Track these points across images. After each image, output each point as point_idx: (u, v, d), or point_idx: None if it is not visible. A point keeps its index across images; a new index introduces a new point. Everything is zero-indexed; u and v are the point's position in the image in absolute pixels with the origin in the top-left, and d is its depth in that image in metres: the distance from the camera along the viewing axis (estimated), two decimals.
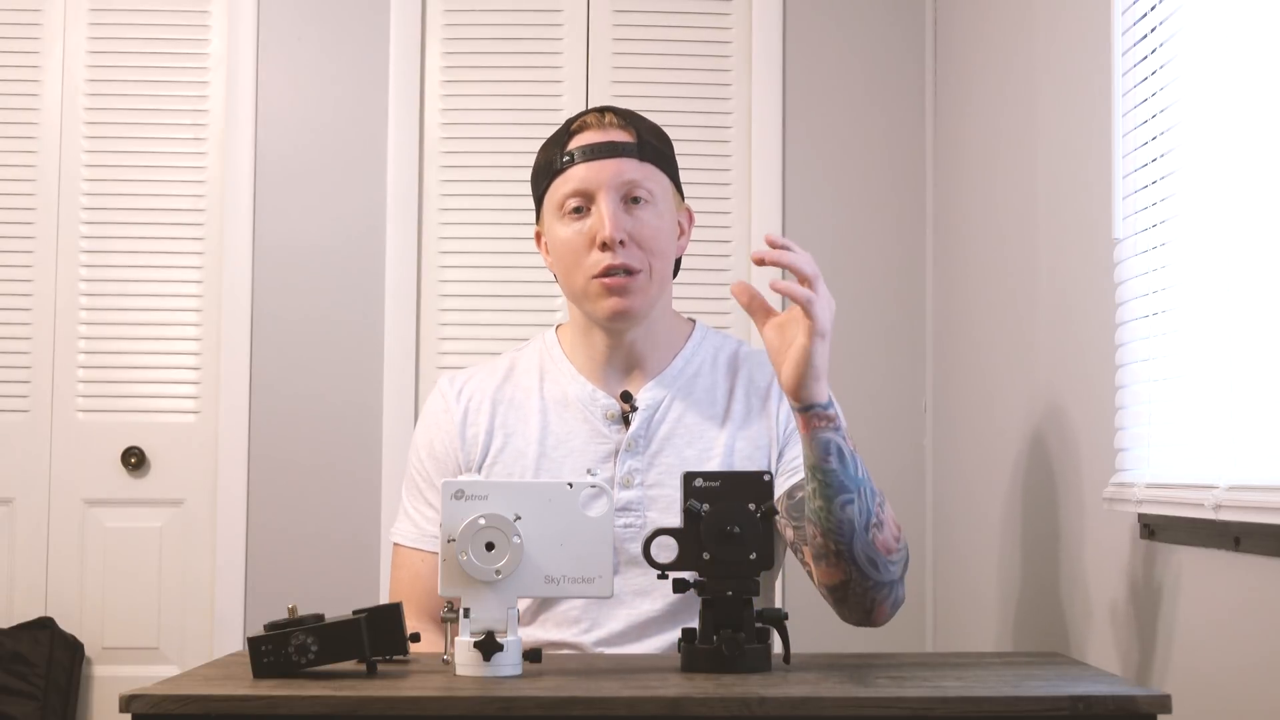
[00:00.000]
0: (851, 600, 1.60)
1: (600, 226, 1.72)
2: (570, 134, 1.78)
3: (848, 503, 1.54)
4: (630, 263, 1.72)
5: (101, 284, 3.19)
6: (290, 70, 3.23)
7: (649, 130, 1.80)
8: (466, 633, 1.39)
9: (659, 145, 1.80)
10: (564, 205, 1.76)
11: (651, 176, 1.76)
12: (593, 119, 1.78)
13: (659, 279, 1.77)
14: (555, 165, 1.78)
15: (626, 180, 1.74)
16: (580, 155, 1.75)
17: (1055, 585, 2.14)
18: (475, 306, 3.18)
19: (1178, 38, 1.70)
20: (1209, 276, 1.60)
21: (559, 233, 1.77)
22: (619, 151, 1.75)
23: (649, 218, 1.75)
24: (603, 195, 1.73)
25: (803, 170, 3.21)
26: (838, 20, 3.23)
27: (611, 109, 1.81)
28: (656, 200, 1.76)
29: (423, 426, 1.86)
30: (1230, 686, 1.52)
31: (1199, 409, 1.63)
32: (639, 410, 1.77)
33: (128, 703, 1.29)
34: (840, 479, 1.53)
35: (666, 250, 1.77)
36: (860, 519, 1.54)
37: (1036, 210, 2.31)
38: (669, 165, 1.81)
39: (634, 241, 1.73)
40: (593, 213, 1.74)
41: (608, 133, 1.77)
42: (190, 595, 3.16)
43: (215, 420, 3.17)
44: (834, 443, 1.53)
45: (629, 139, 1.77)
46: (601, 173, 1.74)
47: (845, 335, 3.19)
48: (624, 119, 1.79)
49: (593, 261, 1.73)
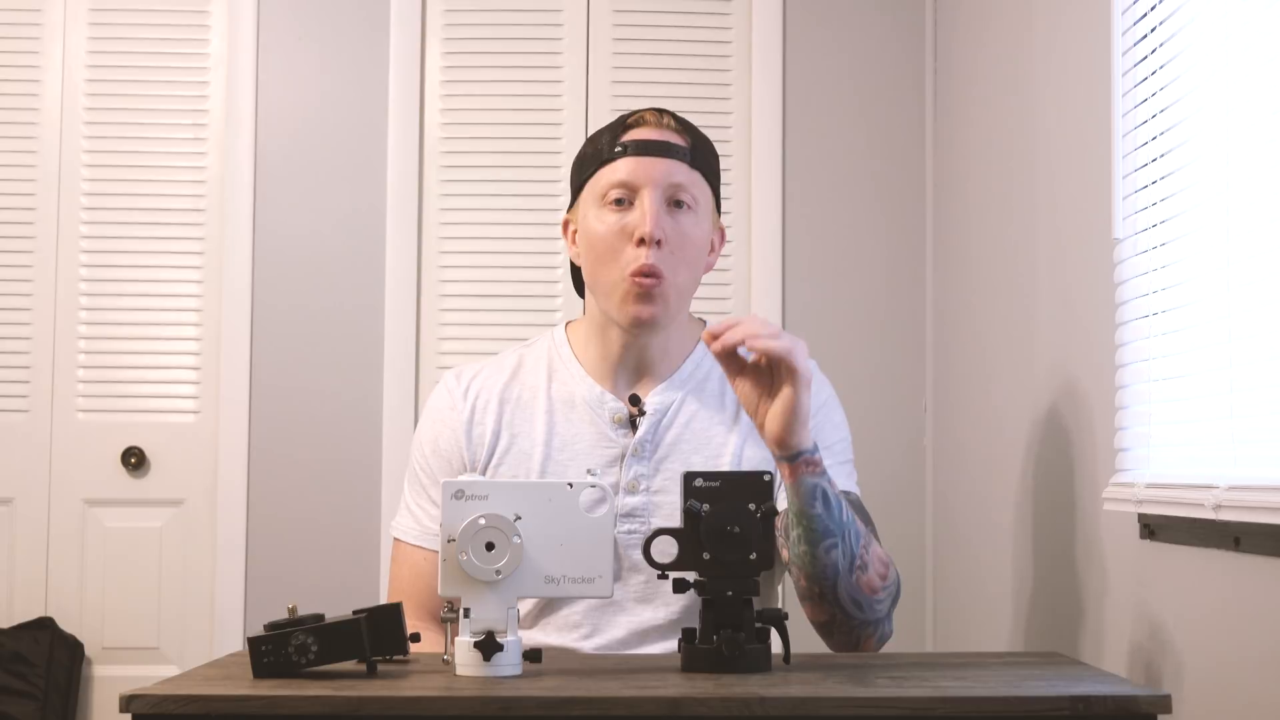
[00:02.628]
0: (838, 636, 1.63)
1: (641, 222, 1.70)
2: (625, 127, 1.76)
3: (831, 547, 1.55)
4: (662, 266, 1.70)
5: (101, 284, 3.19)
6: (290, 70, 3.23)
7: (702, 141, 1.79)
8: (466, 633, 1.39)
9: (709, 157, 1.79)
10: (606, 195, 1.74)
11: (698, 184, 1.75)
12: (650, 116, 1.77)
13: (685, 291, 1.75)
14: (604, 155, 1.75)
15: (675, 183, 1.73)
16: (633, 149, 1.73)
17: (1055, 585, 2.14)
18: (475, 306, 3.18)
19: (1178, 38, 1.70)
20: (1209, 276, 1.60)
21: (594, 222, 1.74)
22: (672, 153, 1.74)
23: (689, 225, 1.73)
24: (648, 192, 1.71)
25: (803, 170, 3.21)
26: (838, 20, 3.23)
27: (671, 112, 1.79)
28: (699, 209, 1.75)
29: (427, 421, 1.84)
30: (1230, 686, 1.52)
31: (1199, 409, 1.63)
32: (647, 414, 1.76)
33: (128, 703, 1.29)
34: (825, 524, 1.55)
35: (697, 263, 1.76)
36: (844, 562, 1.56)
37: (1036, 210, 2.31)
38: (715, 179, 1.80)
39: (671, 245, 1.71)
40: (635, 208, 1.72)
41: (664, 133, 1.75)
42: (190, 595, 3.16)
43: (215, 420, 3.17)
44: (820, 487, 1.55)
45: (683, 143, 1.75)
46: (652, 169, 1.72)
47: (845, 335, 3.20)
48: (681, 124, 1.78)
49: (629, 258, 1.71)
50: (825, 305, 3.19)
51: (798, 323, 3.17)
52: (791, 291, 3.18)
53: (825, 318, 3.19)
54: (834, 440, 1.79)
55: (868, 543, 1.60)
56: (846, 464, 1.81)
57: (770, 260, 3.17)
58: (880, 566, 1.61)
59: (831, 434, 1.79)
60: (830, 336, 3.16)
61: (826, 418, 1.80)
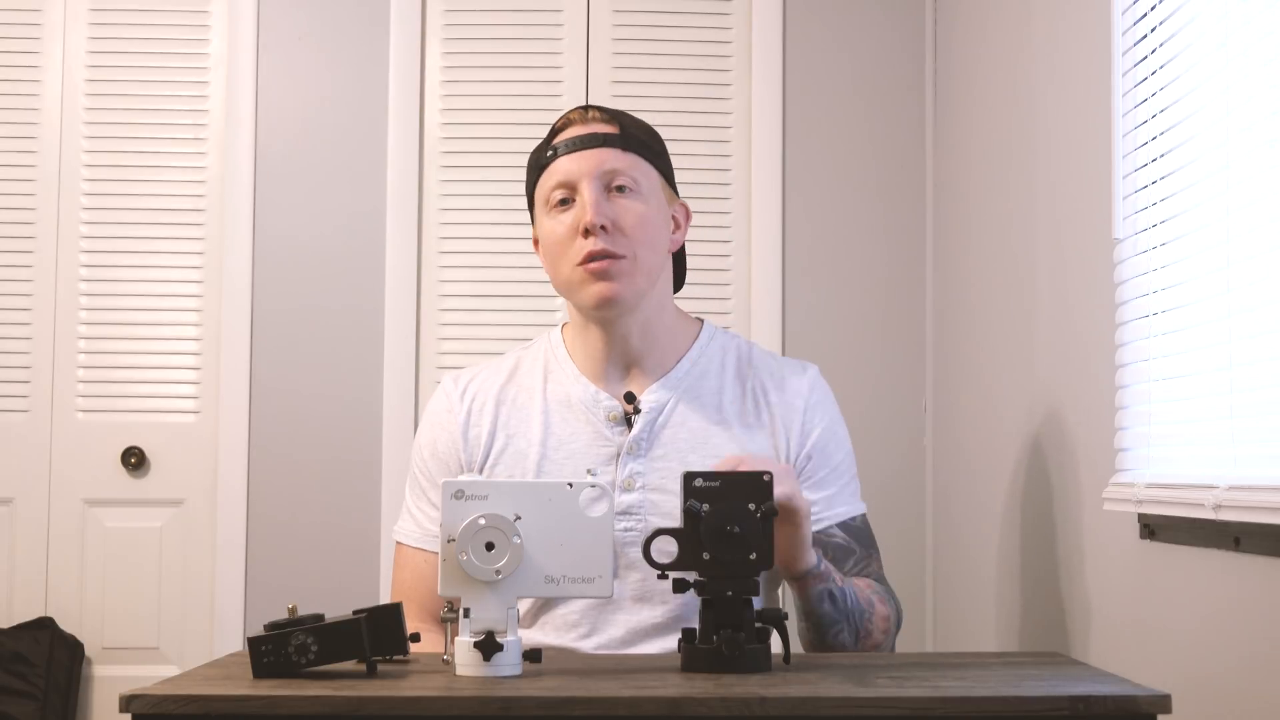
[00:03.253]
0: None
1: (582, 213, 1.72)
2: (555, 131, 1.80)
3: (839, 633, 1.65)
4: (613, 248, 1.72)
5: (101, 284, 3.19)
6: (290, 70, 3.23)
7: (633, 124, 1.80)
8: (466, 633, 1.39)
9: (644, 138, 1.80)
10: (550, 199, 1.76)
11: (636, 166, 1.76)
12: (576, 115, 1.79)
13: (646, 268, 1.75)
14: (542, 161, 1.79)
15: (609, 169, 1.74)
16: (564, 147, 1.76)
17: (1055, 585, 2.14)
18: (475, 306, 3.18)
19: (1178, 38, 1.70)
20: (1209, 277, 1.60)
21: (546, 226, 1.77)
22: (601, 142, 1.76)
23: (632, 205, 1.75)
24: (585, 184, 1.73)
25: (803, 170, 3.21)
26: (837, 20, 3.23)
27: (596, 106, 1.82)
28: (641, 190, 1.76)
29: (426, 425, 1.85)
30: (1230, 686, 1.52)
31: (1199, 409, 1.63)
32: (642, 412, 1.76)
33: (128, 703, 1.29)
34: (833, 617, 1.63)
35: (654, 240, 1.76)
36: (850, 639, 1.66)
37: (1036, 210, 2.31)
38: (656, 158, 1.81)
39: (617, 228, 1.72)
40: (576, 203, 1.74)
41: (590, 126, 1.78)
42: (190, 595, 3.16)
43: (215, 420, 3.17)
44: (826, 591, 1.62)
45: (611, 130, 1.77)
46: (584, 163, 1.74)
47: (845, 335, 3.20)
48: (608, 114, 1.80)
49: (576, 249, 1.73)
50: (825, 305, 3.19)
51: (798, 322, 3.17)
52: (791, 291, 3.18)
53: (825, 318, 3.19)
54: (839, 460, 1.81)
55: (871, 612, 1.67)
56: (851, 482, 1.82)
57: (770, 260, 3.17)
58: (882, 624, 1.69)
59: (836, 452, 1.81)
60: (830, 336, 3.17)
61: (831, 435, 1.81)
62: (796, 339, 3.16)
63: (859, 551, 1.78)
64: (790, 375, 1.82)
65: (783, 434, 1.78)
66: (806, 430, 1.78)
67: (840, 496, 1.79)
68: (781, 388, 1.80)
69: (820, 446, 1.78)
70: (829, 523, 1.76)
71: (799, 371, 1.83)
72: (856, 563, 1.77)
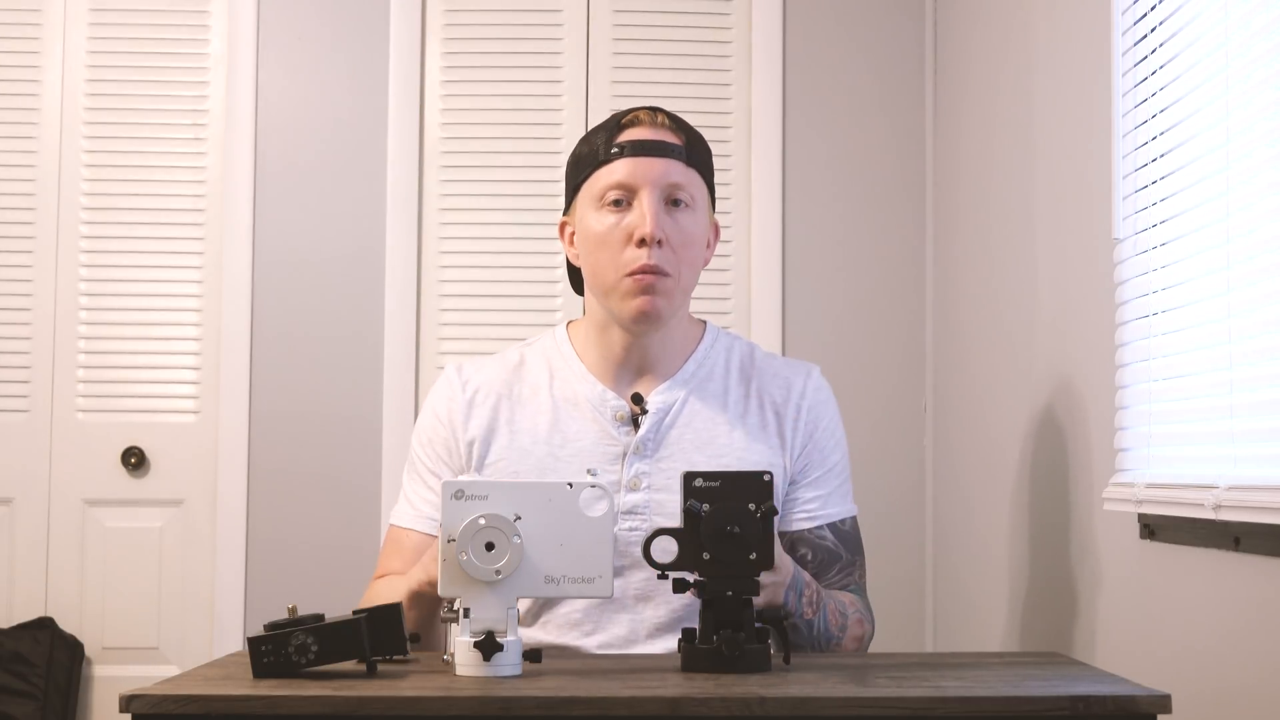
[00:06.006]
0: None
1: (641, 223, 1.71)
2: (620, 127, 1.76)
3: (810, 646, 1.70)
4: (663, 265, 1.71)
5: (101, 284, 3.19)
6: (290, 70, 3.23)
7: (697, 138, 1.79)
8: (466, 633, 1.39)
9: (704, 154, 1.79)
10: (604, 196, 1.74)
11: (694, 183, 1.76)
12: (645, 115, 1.77)
13: (685, 287, 1.76)
14: (601, 155, 1.76)
15: (672, 182, 1.73)
16: (630, 149, 1.74)
17: (1055, 585, 2.14)
18: (475, 306, 3.18)
19: (1178, 38, 1.70)
20: (1209, 277, 1.60)
21: (593, 223, 1.75)
22: (668, 152, 1.74)
23: (688, 223, 1.74)
24: (646, 192, 1.72)
25: (803, 170, 3.21)
26: (838, 20, 3.23)
27: (664, 110, 1.80)
28: (696, 207, 1.76)
29: (426, 411, 1.85)
30: (1230, 686, 1.52)
31: (1199, 409, 1.63)
32: (649, 413, 1.77)
33: (128, 703, 1.29)
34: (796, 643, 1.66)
35: (696, 260, 1.77)
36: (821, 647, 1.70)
37: (1036, 210, 2.31)
38: (709, 175, 1.80)
39: (669, 245, 1.72)
40: (634, 208, 1.72)
41: (659, 132, 1.76)
42: (190, 595, 3.16)
43: (215, 420, 3.17)
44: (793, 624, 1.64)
45: (678, 141, 1.76)
46: (650, 170, 1.73)
47: (845, 335, 3.20)
48: (675, 122, 1.78)
49: (629, 258, 1.72)
50: (825, 305, 3.19)
51: (798, 322, 3.17)
52: (791, 291, 3.18)
53: (825, 318, 3.19)
54: (836, 461, 1.83)
55: (841, 636, 1.71)
56: (845, 484, 1.84)
57: (770, 260, 3.17)
58: (852, 644, 1.73)
59: (834, 453, 1.83)
60: (830, 336, 3.17)
61: (830, 436, 1.82)
62: (796, 339, 3.16)
63: (845, 558, 1.79)
64: (793, 376, 1.83)
65: (785, 434, 1.79)
66: (808, 431, 1.80)
67: (833, 497, 1.80)
68: (784, 389, 1.81)
69: (819, 446, 1.80)
70: (820, 522, 1.79)
71: (802, 373, 1.83)
72: (841, 569, 1.79)
